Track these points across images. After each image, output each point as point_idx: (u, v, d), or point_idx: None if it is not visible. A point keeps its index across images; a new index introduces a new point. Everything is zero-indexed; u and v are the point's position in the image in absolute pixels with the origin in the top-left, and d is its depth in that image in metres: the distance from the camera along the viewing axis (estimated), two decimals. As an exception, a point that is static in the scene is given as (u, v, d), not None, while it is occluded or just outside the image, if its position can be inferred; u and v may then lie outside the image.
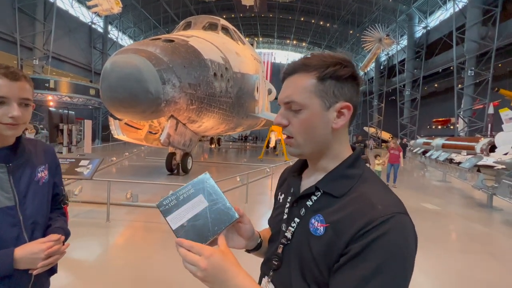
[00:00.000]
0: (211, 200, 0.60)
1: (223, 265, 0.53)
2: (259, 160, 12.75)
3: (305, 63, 0.60)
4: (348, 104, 0.59)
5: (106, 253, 3.30)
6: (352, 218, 0.53)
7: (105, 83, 5.38)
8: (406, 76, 25.11)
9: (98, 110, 22.07)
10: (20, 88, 0.82)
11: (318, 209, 0.59)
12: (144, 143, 7.44)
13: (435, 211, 5.61)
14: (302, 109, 0.59)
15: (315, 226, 0.57)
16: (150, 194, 5.63)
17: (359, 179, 0.59)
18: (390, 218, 0.51)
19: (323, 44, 37.32)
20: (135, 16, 26.87)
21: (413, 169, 13.45)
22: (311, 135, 0.60)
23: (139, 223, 4.27)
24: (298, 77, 0.60)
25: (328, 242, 0.54)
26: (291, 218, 0.64)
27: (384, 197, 0.56)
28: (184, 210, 0.59)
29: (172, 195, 0.61)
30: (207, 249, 0.54)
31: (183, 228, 0.58)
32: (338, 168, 0.61)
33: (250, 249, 0.72)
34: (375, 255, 0.49)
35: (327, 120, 0.59)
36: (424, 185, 9.03)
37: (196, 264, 0.52)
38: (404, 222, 0.53)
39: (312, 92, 0.58)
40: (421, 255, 3.34)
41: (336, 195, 0.58)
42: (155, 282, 2.61)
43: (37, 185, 0.93)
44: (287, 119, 0.62)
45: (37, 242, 0.83)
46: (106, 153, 13.17)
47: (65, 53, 20.53)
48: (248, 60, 9.96)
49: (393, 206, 0.54)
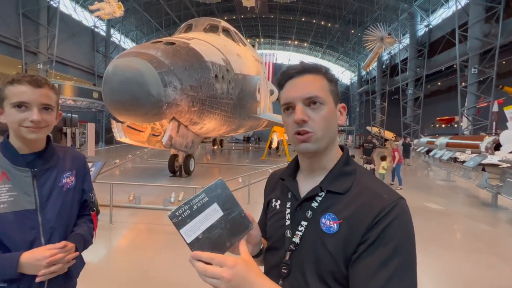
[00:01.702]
0: (226, 209, 0.57)
1: (248, 275, 0.51)
2: (262, 161, 12.75)
3: (313, 66, 0.66)
4: (343, 104, 0.69)
5: (109, 255, 3.32)
6: (364, 210, 0.57)
7: (107, 86, 5.43)
8: (408, 75, 24.93)
9: (102, 113, 22.24)
10: (42, 94, 0.87)
11: (327, 208, 0.61)
12: (146, 145, 7.48)
13: (439, 210, 5.56)
14: (324, 104, 0.63)
15: (327, 225, 0.59)
16: (153, 196, 5.66)
17: (356, 174, 0.65)
18: (397, 204, 0.57)
19: (324, 44, 37.27)
20: (137, 19, 27.07)
21: (417, 168, 13.34)
22: (329, 129, 0.64)
23: (142, 225, 4.29)
24: (313, 76, 0.64)
25: (344, 237, 0.57)
26: (296, 223, 0.64)
27: (382, 186, 0.63)
28: (199, 221, 0.55)
29: (185, 204, 0.57)
30: (229, 259, 0.51)
31: (198, 241, 0.54)
32: (337, 167, 0.66)
33: (253, 255, 0.70)
34: (391, 238, 0.54)
35: (336, 117, 0.67)
36: (427, 185, 8.95)
37: (219, 276, 0.49)
38: (406, 205, 0.60)
39: (328, 90, 0.65)
40: (424, 255, 3.33)
41: (341, 192, 0.61)
42: (159, 283, 2.63)
43: (60, 190, 0.96)
44: (307, 115, 0.62)
45: (44, 248, 0.84)
46: (110, 156, 13.27)
47: (68, 57, 20.74)
48: (249, 62, 9.98)
49: (394, 193, 0.61)
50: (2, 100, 0.87)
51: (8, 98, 0.86)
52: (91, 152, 12.77)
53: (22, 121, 0.86)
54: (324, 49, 39.38)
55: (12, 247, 0.84)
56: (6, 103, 0.86)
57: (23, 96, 0.85)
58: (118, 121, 6.72)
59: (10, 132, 0.90)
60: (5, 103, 0.86)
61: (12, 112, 0.86)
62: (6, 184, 0.86)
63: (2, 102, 0.87)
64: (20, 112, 0.86)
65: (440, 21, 22.25)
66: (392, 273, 0.52)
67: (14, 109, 0.86)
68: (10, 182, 0.86)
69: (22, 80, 0.85)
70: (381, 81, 30.42)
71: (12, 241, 0.84)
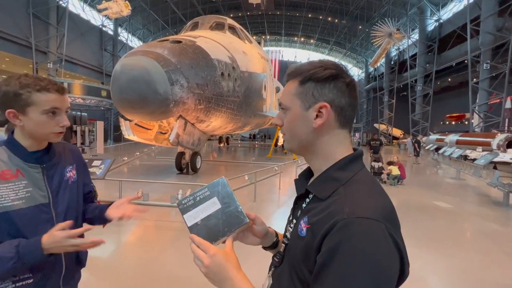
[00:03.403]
0: (224, 203, 0.65)
1: (224, 266, 0.58)
2: (268, 159, 12.75)
3: (295, 70, 0.65)
4: (325, 104, 0.60)
5: (118, 250, 3.39)
6: (324, 220, 0.54)
7: (115, 85, 5.50)
8: (418, 71, 24.39)
9: (110, 111, 22.58)
10: (66, 100, 0.95)
11: (308, 211, 0.61)
12: (154, 143, 7.58)
13: (448, 209, 5.47)
14: (287, 109, 0.65)
15: (301, 227, 0.60)
16: (160, 193, 5.74)
17: (347, 182, 0.58)
18: (350, 224, 0.49)
19: (331, 41, 36.83)
20: (144, 17, 27.28)
21: (426, 166, 13.12)
22: (295, 132, 0.65)
23: (149, 221, 4.36)
24: (289, 83, 0.67)
25: (306, 243, 0.56)
26: (292, 220, 0.68)
27: (359, 200, 0.54)
28: (199, 210, 0.65)
29: (190, 195, 0.67)
30: (212, 248, 0.59)
31: (196, 226, 0.64)
32: (328, 171, 0.63)
33: (267, 246, 0.78)
34: (335, 268, 0.48)
35: (307, 120, 0.63)
36: (436, 183, 8.81)
37: (201, 260, 0.58)
38: (369, 228, 0.49)
39: (294, 94, 0.64)
40: (433, 255, 3.29)
41: (320, 197, 0.59)
42: (166, 278, 2.68)
43: (67, 184, 1.02)
44: (281, 120, 0.67)
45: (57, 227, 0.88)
46: (118, 153, 13.49)
47: (77, 56, 21.07)
48: (255, 59, 9.95)
49: (362, 209, 0.51)
50: (27, 105, 0.88)
51: (37, 105, 0.88)
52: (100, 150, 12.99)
53: (54, 128, 0.92)
54: (331, 46, 38.93)
55: None
56: (33, 109, 0.88)
57: (55, 103, 0.90)
58: (126, 119, 6.82)
59: (21, 133, 0.92)
60: (30, 109, 0.88)
61: (44, 119, 0.90)
62: (22, 180, 0.89)
63: (25, 107, 0.88)
64: (51, 118, 0.91)
65: (451, 16, 21.68)
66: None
67: (46, 115, 0.90)
68: (25, 178, 0.90)
69: (50, 88, 0.89)
70: (389, 77, 29.92)
71: (32, 235, 0.88)
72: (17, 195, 0.87)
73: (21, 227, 0.87)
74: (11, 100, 0.87)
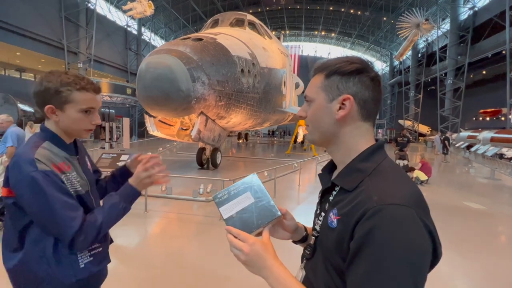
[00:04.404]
0: (257, 197, 0.69)
1: (263, 254, 0.61)
2: (287, 155, 12.69)
3: (322, 65, 0.68)
4: (348, 96, 0.63)
5: (145, 240, 3.57)
6: (353, 210, 0.56)
7: (140, 83, 5.73)
8: (448, 64, 22.88)
9: (134, 108, 23.57)
10: (100, 99, 1.01)
11: (336, 203, 0.63)
12: (176, 138, 7.81)
13: (480, 210, 5.14)
14: (311, 101, 0.68)
15: (331, 219, 0.61)
16: (182, 187, 5.93)
17: (372, 172, 0.60)
18: (381, 210, 0.51)
19: (353, 34, 35.58)
20: (165, 16, 28.00)
21: (455, 165, 12.38)
22: (318, 123, 0.68)
23: (173, 214, 4.54)
24: (315, 77, 0.70)
25: (338, 233, 0.58)
26: (320, 213, 0.70)
27: (387, 189, 0.55)
28: (234, 204, 0.69)
29: (225, 190, 0.71)
30: (251, 238, 0.62)
31: (232, 218, 0.67)
32: (352, 163, 0.65)
33: (297, 241, 0.82)
34: (370, 252, 0.50)
35: (330, 111, 0.65)
36: (467, 182, 8.29)
37: (241, 249, 0.61)
38: (399, 214, 0.51)
39: (320, 87, 0.67)
40: (462, 258, 3.14)
41: (348, 188, 0.61)
42: (191, 269, 2.78)
43: (90, 172, 1.12)
44: (305, 112, 0.70)
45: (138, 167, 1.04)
46: (142, 148, 14.09)
47: (104, 56, 22.15)
48: (275, 55, 9.88)
49: (391, 197, 0.53)
50: (66, 103, 0.93)
51: (75, 103, 0.94)
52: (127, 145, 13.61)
53: (87, 125, 0.98)
54: (353, 39, 37.62)
55: None
56: (71, 107, 0.94)
57: (91, 102, 0.97)
58: (150, 116, 7.09)
59: (55, 127, 0.97)
60: (68, 106, 0.94)
61: (79, 117, 0.96)
62: (73, 171, 0.98)
63: (64, 104, 0.93)
64: (85, 116, 0.97)
65: (487, 2, 20.06)
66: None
67: (82, 113, 0.95)
68: (73, 169, 0.99)
69: (89, 88, 0.96)
70: (416, 71, 28.40)
71: None
72: (78, 183, 0.97)
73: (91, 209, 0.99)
74: (52, 96, 0.92)
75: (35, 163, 0.86)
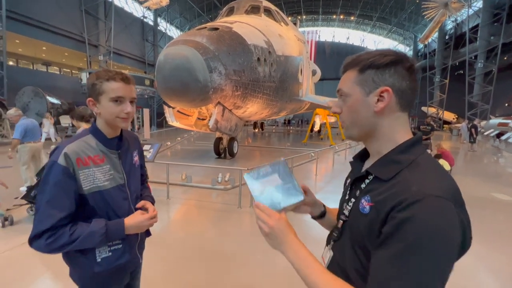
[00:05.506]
0: (284, 180, 0.75)
1: (285, 230, 0.67)
2: (303, 145, 12.60)
3: (353, 60, 0.69)
4: (386, 88, 0.64)
5: (168, 226, 3.76)
6: (389, 199, 0.57)
7: (159, 74, 5.85)
8: (479, 45, 21.16)
9: (153, 99, 24.14)
10: (131, 90, 1.05)
11: (369, 191, 0.65)
12: (194, 128, 7.98)
13: (510, 202, 4.90)
14: (347, 96, 0.69)
15: (363, 205, 0.64)
16: (201, 176, 6.11)
17: (410, 165, 0.61)
18: (421, 200, 0.52)
19: (374, 16, 33.77)
20: (180, 5, 27.93)
21: (483, 154, 11.73)
22: (356, 118, 0.68)
23: (193, 201, 4.72)
24: (347, 72, 0.70)
25: (371, 219, 0.60)
26: (349, 199, 0.73)
27: (426, 181, 0.57)
28: (263, 183, 0.75)
29: (255, 171, 0.77)
30: (276, 214, 0.68)
31: (260, 196, 0.73)
32: (390, 153, 0.66)
33: (316, 216, 0.89)
34: (404, 237, 0.52)
35: (368, 105, 0.66)
36: (496, 173, 7.87)
37: (266, 222, 0.67)
38: (437, 205, 0.52)
39: (354, 82, 0.67)
40: (490, 250, 3.03)
41: (384, 178, 0.63)
42: (211, 252, 2.92)
43: (134, 167, 1.19)
44: (340, 108, 0.71)
45: (138, 213, 1.10)
46: (162, 138, 14.52)
47: (123, 48, 22.65)
48: (291, 42, 9.65)
49: (430, 188, 0.54)
50: (100, 94, 1.01)
51: (106, 93, 1.01)
52: (147, 135, 14.09)
53: (119, 113, 1.03)
54: (373, 22, 35.73)
55: (116, 216, 1.07)
56: (104, 97, 1.01)
57: (120, 91, 1.01)
58: (169, 107, 7.26)
59: (100, 120, 1.07)
60: (102, 97, 1.02)
61: (110, 105, 1.02)
62: (107, 164, 1.06)
63: (99, 96, 1.02)
64: (116, 105, 1.02)
65: (526, -24, 18.16)
66: (397, 273, 0.51)
67: (112, 102, 1.02)
68: (108, 162, 1.07)
69: (116, 77, 1.01)
70: (443, 54, 26.65)
71: (116, 210, 1.07)
72: (104, 177, 1.04)
73: (110, 204, 1.05)
74: (91, 90, 1.03)
75: (60, 155, 0.96)
